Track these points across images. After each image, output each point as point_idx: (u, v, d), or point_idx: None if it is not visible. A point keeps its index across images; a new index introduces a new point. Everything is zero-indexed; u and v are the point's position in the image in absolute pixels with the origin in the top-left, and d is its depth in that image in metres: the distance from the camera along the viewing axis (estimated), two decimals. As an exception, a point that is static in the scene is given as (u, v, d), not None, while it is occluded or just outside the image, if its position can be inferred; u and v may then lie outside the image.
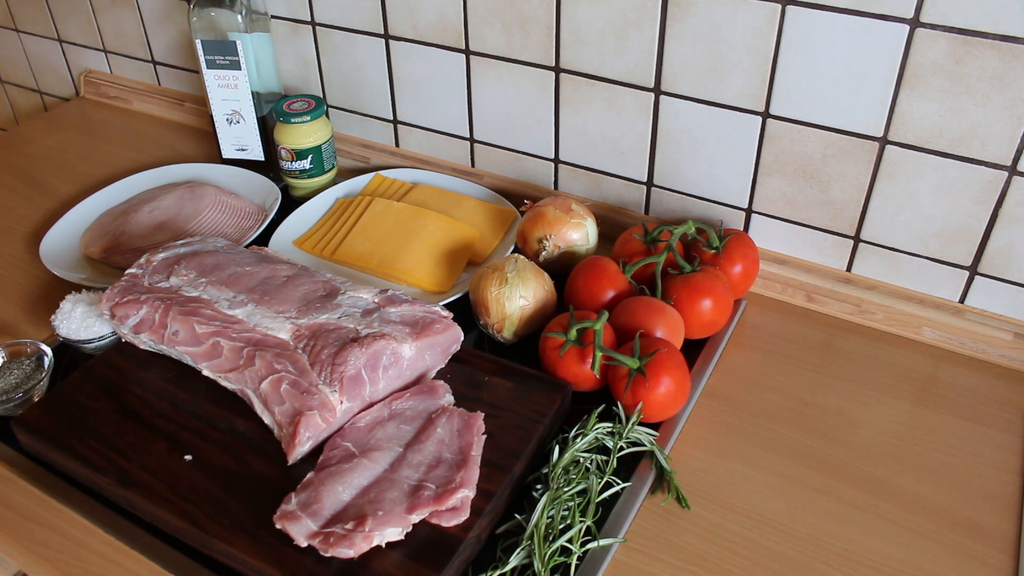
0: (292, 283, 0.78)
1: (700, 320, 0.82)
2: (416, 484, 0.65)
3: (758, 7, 0.79)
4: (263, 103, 1.10)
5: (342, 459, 0.67)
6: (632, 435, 0.72)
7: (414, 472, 0.66)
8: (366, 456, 0.67)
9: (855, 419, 0.77)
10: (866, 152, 0.81)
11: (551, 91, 0.96)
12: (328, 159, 1.08)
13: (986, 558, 0.65)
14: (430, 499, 0.63)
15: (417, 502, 0.63)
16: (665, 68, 0.88)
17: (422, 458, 0.67)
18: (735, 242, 0.87)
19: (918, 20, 0.73)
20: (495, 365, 0.77)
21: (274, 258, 0.84)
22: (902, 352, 0.84)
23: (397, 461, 0.67)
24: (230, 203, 1.02)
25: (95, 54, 1.38)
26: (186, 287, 0.79)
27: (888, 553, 0.66)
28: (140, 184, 1.11)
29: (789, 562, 0.65)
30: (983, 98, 0.74)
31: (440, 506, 0.63)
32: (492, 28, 0.96)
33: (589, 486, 0.68)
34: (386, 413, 0.71)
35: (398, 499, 0.64)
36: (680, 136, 0.91)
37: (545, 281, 0.83)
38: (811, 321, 0.89)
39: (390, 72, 1.08)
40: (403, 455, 0.68)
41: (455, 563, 0.61)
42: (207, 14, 1.03)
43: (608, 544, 0.65)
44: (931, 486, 0.71)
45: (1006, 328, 0.83)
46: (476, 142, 1.07)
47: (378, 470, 0.66)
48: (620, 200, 1.00)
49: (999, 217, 0.79)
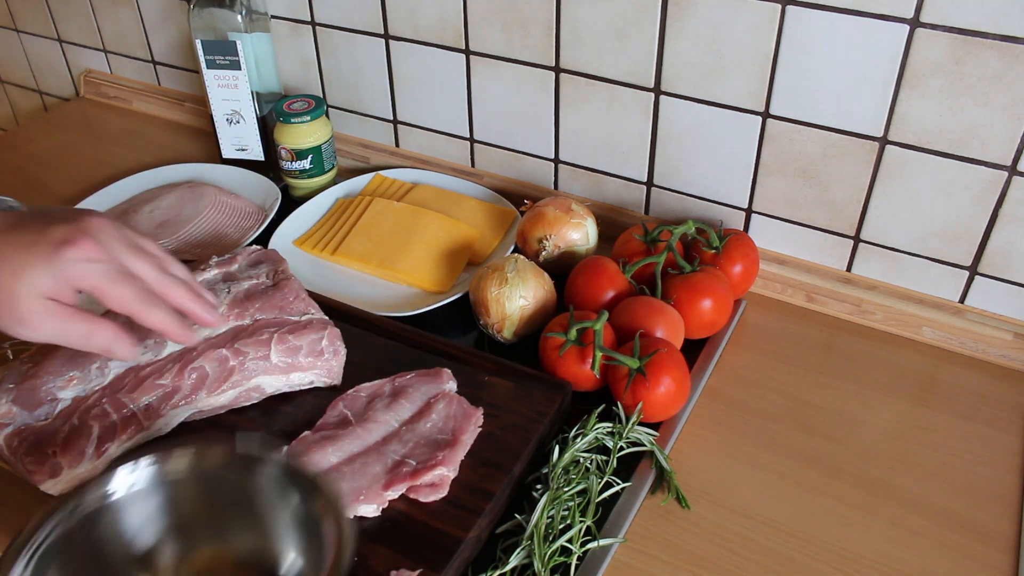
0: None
1: (700, 320, 0.82)
2: (399, 459, 0.67)
3: (758, 7, 0.79)
4: (263, 103, 1.10)
5: (338, 424, 0.70)
6: (632, 435, 0.72)
7: (401, 448, 0.68)
8: (361, 425, 0.69)
9: (855, 419, 0.77)
10: (866, 152, 0.81)
11: (551, 91, 0.96)
12: (328, 159, 1.08)
13: (986, 558, 0.65)
14: (408, 474, 0.65)
15: (395, 478, 0.65)
16: (665, 68, 0.88)
17: (413, 436, 0.69)
18: (735, 242, 0.87)
19: (918, 20, 0.73)
20: (495, 365, 0.77)
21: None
22: (902, 352, 0.84)
23: (390, 436, 0.69)
24: (230, 203, 1.02)
25: (95, 54, 1.38)
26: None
27: (888, 553, 0.66)
28: (140, 184, 1.11)
29: (789, 562, 0.65)
30: (983, 98, 0.74)
31: (415, 481, 0.65)
32: (492, 28, 0.96)
33: (589, 486, 0.68)
34: (388, 388, 0.73)
35: (379, 474, 0.66)
36: (680, 136, 0.91)
37: (545, 281, 0.83)
38: (811, 321, 0.89)
39: (390, 72, 1.08)
40: (397, 431, 0.70)
41: (455, 563, 0.61)
42: (207, 14, 1.03)
43: (608, 544, 0.65)
44: (931, 486, 0.71)
45: (1006, 328, 0.83)
46: (476, 142, 1.07)
47: (369, 440, 0.68)
48: (620, 200, 1.00)
49: (999, 217, 0.79)
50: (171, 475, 0.57)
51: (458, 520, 0.64)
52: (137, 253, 0.61)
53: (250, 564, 0.59)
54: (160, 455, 0.57)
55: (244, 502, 0.58)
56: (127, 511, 0.57)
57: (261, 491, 0.57)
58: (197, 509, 0.59)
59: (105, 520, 0.56)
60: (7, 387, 0.69)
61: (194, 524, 0.59)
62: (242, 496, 0.58)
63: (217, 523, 0.59)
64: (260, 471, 0.57)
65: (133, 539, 0.57)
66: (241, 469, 0.57)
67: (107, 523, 0.56)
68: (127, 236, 0.62)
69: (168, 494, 0.58)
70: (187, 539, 0.59)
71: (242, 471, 0.57)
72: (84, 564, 0.55)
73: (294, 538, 0.57)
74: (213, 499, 0.58)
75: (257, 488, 0.57)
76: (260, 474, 0.57)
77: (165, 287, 0.62)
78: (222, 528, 0.59)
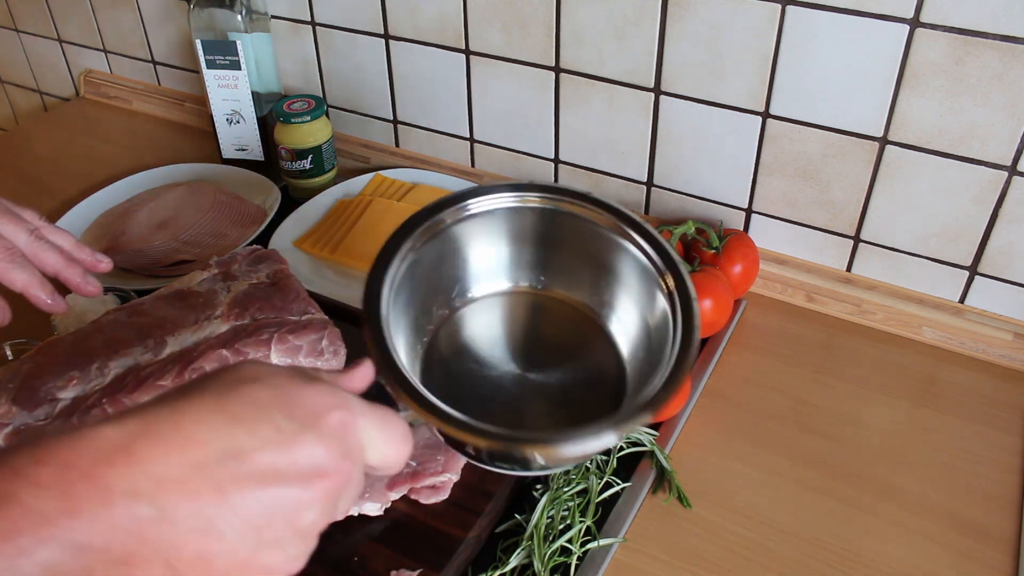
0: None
1: (700, 320, 0.82)
2: None
3: (758, 7, 0.79)
4: (263, 103, 1.10)
5: None
6: (632, 435, 0.72)
7: None
8: None
9: (855, 419, 0.77)
10: (866, 152, 0.81)
11: (551, 91, 0.96)
12: (328, 159, 1.08)
13: (986, 558, 0.65)
14: (408, 476, 0.65)
15: (398, 479, 0.65)
16: (665, 68, 0.88)
17: (418, 438, 0.69)
18: (735, 242, 0.87)
19: (918, 20, 0.73)
20: (495, 365, 0.77)
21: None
22: (902, 352, 0.84)
23: None
24: (230, 203, 1.02)
25: (95, 54, 1.38)
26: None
27: (888, 553, 0.66)
28: (140, 184, 1.11)
29: (789, 562, 0.65)
30: (983, 98, 0.74)
31: (416, 483, 0.65)
32: (492, 28, 0.96)
33: (589, 486, 0.68)
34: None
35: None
36: (680, 136, 0.91)
37: (545, 281, 0.83)
38: (811, 321, 0.89)
39: (390, 72, 1.08)
40: None
41: (455, 563, 0.61)
42: (207, 14, 1.03)
43: (608, 544, 0.65)
44: (931, 486, 0.71)
45: (1006, 328, 0.83)
46: (476, 142, 1.07)
47: None
48: (620, 200, 1.00)
49: (999, 217, 0.79)
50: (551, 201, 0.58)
51: (458, 520, 0.64)
52: (10, 218, 0.63)
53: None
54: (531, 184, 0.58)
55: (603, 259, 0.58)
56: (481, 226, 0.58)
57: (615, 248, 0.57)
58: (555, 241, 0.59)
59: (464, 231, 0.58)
60: (7, 387, 0.69)
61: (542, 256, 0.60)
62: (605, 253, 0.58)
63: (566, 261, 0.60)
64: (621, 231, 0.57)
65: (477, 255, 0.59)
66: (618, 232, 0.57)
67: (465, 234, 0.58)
68: (2, 204, 0.64)
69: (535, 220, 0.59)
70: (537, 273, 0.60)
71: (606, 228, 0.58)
72: (435, 274, 0.58)
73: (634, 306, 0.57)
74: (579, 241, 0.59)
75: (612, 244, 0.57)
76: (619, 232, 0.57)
77: (35, 251, 0.64)
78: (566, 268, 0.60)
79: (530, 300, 0.62)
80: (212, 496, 0.33)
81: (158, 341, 0.72)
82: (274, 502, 0.35)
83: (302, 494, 0.36)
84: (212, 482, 0.34)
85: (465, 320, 0.61)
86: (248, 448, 0.35)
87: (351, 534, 0.63)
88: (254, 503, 0.34)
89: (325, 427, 0.37)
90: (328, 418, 0.38)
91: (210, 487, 0.33)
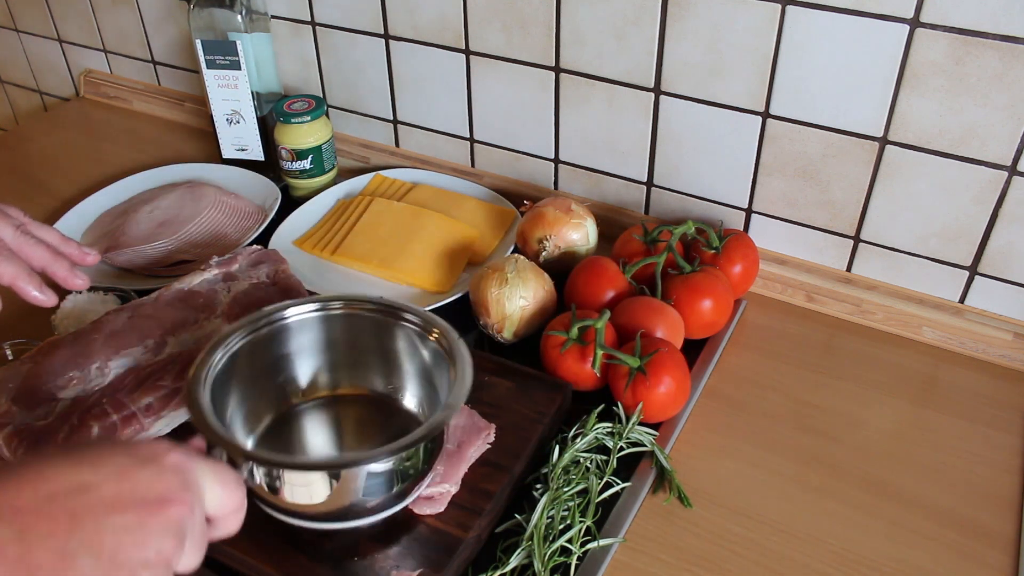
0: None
1: (700, 320, 0.82)
2: None
3: (758, 7, 0.79)
4: (263, 103, 1.10)
5: None
6: (632, 435, 0.72)
7: None
8: None
9: (855, 419, 0.77)
10: (866, 152, 0.81)
11: (551, 91, 0.96)
12: (328, 159, 1.08)
13: (986, 558, 0.65)
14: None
15: None
16: (665, 68, 0.88)
17: None
18: (735, 242, 0.87)
19: (918, 20, 0.73)
20: (495, 365, 0.77)
21: None
22: (902, 352, 0.84)
23: None
24: (230, 203, 1.02)
25: (95, 54, 1.38)
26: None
27: (888, 553, 0.66)
28: (140, 184, 1.11)
29: (789, 562, 0.65)
30: (983, 98, 0.74)
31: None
32: (492, 28, 0.96)
33: (589, 486, 0.68)
34: None
35: None
36: (680, 136, 0.91)
37: (545, 281, 0.83)
38: (811, 321, 0.89)
39: (390, 72, 1.08)
40: None
41: (455, 563, 0.61)
42: (207, 14, 1.03)
43: (608, 544, 0.65)
44: (931, 486, 0.71)
45: (1006, 328, 0.83)
46: (476, 142, 1.07)
47: None
48: (620, 200, 1.00)
49: (999, 217, 0.79)
50: (330, 310, 0.70)
51: (458, 520, 0.64)
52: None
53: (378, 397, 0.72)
54: (322, 299, 0.70)
55: (381, 343, 0.70)
56: (293, 334, 0.70)
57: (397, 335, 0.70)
58: (345, 342, 0.71)
59: (276, 339, 0.69)
60: (7, 387, 0.69)
61: (339, 358, 0.72)
62: (381, 336, 0.70)
63: (358, 358, 0.72)
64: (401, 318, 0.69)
65: (291, 362, 0.70)
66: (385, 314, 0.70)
67: (276, 342, 0.69)
68: None
69: (325, 327, 0.70)
70: (333, 371, 0.72)
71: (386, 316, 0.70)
72: (252, 377, 0.68)
73: (418, 376, 0.70)
74: (358, 336, 0.70)
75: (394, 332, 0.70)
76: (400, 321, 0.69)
77: (22, 245, 0.65)
78: (360, 363, 0.72)
79: (336, 400, 0.73)
80: (66, 522, 0.36)
81: (158, 341, 0.72)
82: (122, 527, 0.38)
83: (148, 519, 0.39)
84: (64, 510, 0.37)
85: (289, 424, 0.71)
86: (93, 482, 0.38)
87: (351, 534, 0.63)
88: (103, 528, 0.37)
89: (164, 463, 0.41)
90: (166, 457, 0.41)
91: (63, 514, 0.36)
